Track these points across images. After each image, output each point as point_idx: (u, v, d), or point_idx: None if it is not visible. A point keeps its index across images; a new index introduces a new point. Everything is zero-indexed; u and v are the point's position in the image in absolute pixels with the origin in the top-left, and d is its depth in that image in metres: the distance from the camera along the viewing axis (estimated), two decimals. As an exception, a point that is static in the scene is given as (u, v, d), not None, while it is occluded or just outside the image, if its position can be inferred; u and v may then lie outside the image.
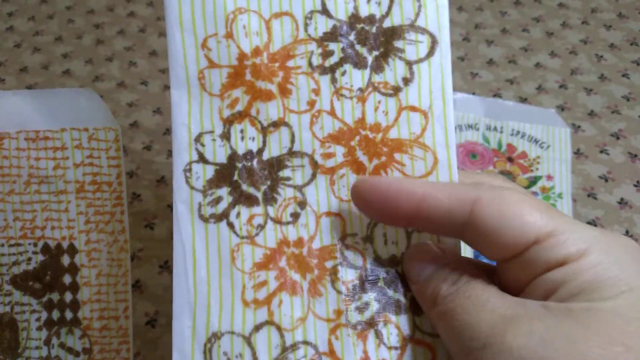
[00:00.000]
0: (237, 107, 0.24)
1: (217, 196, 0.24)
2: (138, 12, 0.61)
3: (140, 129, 0.50)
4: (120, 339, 0.35)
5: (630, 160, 0.48)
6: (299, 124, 0.24)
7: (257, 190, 0.24)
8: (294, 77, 0.24)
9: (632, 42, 0.57)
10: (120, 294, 0.35)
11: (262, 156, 0.24)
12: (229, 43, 0.24)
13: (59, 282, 0.35)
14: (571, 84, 0.54)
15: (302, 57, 0.24)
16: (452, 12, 0.61)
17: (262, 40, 0.24)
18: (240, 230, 0.23)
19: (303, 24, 0.24)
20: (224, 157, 0.24)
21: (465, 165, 0.47)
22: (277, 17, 0.24)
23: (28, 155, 0.35)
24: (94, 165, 0.35)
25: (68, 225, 0.35)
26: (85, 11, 0.61)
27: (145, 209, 0.45)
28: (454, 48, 0.57)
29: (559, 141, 0.49)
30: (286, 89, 0.24)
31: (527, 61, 0.56)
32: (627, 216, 0.45)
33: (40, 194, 0.35)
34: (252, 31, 0.24)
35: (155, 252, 0.43)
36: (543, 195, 0.45)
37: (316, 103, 0.24)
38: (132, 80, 0.54)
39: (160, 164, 0.48)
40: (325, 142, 0.24)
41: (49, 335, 0.35)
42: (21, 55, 0.56)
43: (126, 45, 0.57)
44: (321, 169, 0.24)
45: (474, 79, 0.54)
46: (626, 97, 0.53)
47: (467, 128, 0.49)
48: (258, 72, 0.24)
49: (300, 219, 0.23)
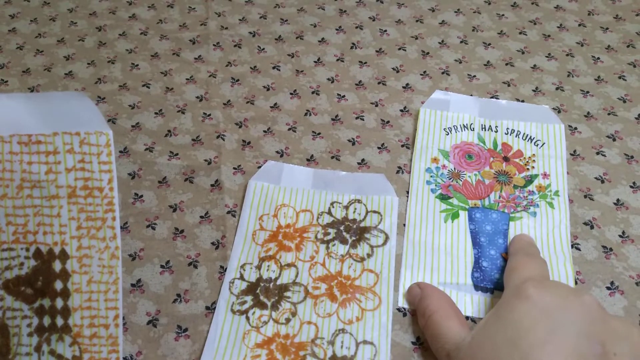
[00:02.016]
0: (269, 253, 0.43)
1: (244, 300, 0.40)
2: (140, 15, 0.61)
3: (142, 130, 0.51)
4: (110, 347, 0.35)
5: (627, 161, 0.49)
6: (302, 267, 0.42)
7: (268, 301, 0.40)
8: (305, 242, 0.43)
9: (628, 44, 0.58)
10: (110, 301, 0.35)
11: (276, 282, 0.41)
12: (274, 220, 0.44)
13: (50, 288, 0.35)
14: (568, 85, 0.54)
15: (312, 233, 0.44)
16: (450, 15, 0.61)
17: (292, 221, 0.44)
18: (252, 322, 0.39)
19: (316, 216, 0.45)
20: (254, 278, 0.41)
21: (461, 166, 0.48)
22: (303, 211, 0.45)
23: (21, 159, 0.34)
24: (86, 170, 0.35)
25: (60, 231, 0.35)
26: (87, 14, 0.61)
27: (147, 209, 0.45)
28: (452, 50, 0.57)
29: (553, 138, 0.49)
30: (299, 248, 0.43)
31: (524, 63, 0.56)
32: (624, 217, 0.45)
33: (32, 198, 0.35)
34: (288, 216, 0.45)
35: (157, 252, 0.43)
36: (540, 194, 0.46)
37: (315, 258, 0.42)
38: (134, 82, 0.55)
39: (162, 165, 0.48)
40: (316, 280, 0.41)
41: (40, 341, 0.35)
42: (24, 57, 0.57)
43: (128, 47, 0.58)
44: (310, 295, 0.41)
45: (471, 81, 0.55)
46: (622, 99, 0.53)
47: (462, 129, 0.50)
48: (286, 236, 0.43)
49: (290, 322, 0.39)
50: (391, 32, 0.59)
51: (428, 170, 0.47)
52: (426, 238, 0.43)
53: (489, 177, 0.47)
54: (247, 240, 0.43)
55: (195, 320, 0.40)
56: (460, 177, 0.47)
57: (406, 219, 0.45)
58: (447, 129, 0.50)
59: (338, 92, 0.54)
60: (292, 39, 0.59)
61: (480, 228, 0.44)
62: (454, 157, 0.48)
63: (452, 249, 0.43)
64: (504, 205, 0.45)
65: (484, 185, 0.46)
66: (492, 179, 0.47)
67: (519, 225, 0.44)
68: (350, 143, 0.50)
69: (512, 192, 0.46)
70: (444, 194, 0.46)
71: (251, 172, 0.47)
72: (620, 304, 0.41)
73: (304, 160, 0.48)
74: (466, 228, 0.44)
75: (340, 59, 0.57)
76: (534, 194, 0.46)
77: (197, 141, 0.50)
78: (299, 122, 0.51)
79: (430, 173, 0.47)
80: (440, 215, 0.45)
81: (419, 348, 0.39)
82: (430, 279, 0.42)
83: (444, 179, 0.47)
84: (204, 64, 0.56)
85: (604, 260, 0.43)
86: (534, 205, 0.45)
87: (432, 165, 0.48)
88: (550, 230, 0.44)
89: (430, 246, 0.43)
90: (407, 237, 0.44)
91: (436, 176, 0.47)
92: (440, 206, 0.45)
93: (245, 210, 0.45)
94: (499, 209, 0.45)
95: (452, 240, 0.43)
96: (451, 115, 0.51)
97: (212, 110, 0.52)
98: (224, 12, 0.61)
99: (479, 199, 0.46)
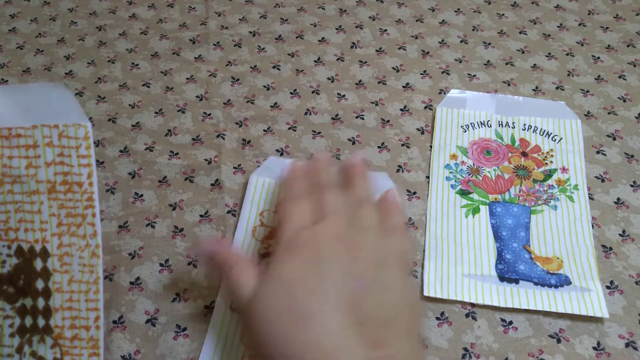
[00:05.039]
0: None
1: None
2: (140, 15, 0.61)
3: (142, 130, 0.51)
4: (91, 350, 0.34)
5: (627, 160, 0.49)
6: None
7: None
8: None
9: (628, 43, 0.58)
10: (91, 302, 0.35)
11: None
12: (274, 215, 0.44)
13: (32, 287, 0.34)
14: (568, 85, 0.54)
15: None
16: (450, 15, 0.61)
17: None
18: None
19: None
20: None
21: (480, 162, 0.48)
22: None
23: (2, 153, 0.34)
24: (65, 164, 0.34)
25: (41, 228, 0.34)
26: (87, 13, 0.61)
27: (147, 208, 0.45)
28: (452, 50, 0.57)
29: (570, 133, 0.50)
30: None
31: (524, 63, 0.56)
32: (624, 216, 0.45)
33: (13, 194, 0.34)
34: None
35: (156, 250, 0.43)
36: (560, 188, 0.46)
37: None
38: (135, 81, 0.55)
39: (162, 164, 0.48)
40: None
41: (21, 342, 0.34)
42: (24, 57, 0.57)
43: (128, 47, 0.58)
44: None
45: (471, 81, 0.54)
46: (622, 98, 0.53)
47: (479, 125, 0.50)
48: None
49: None
50: (391, 32, 0.59)
51: (447, 166, 0.48)
52: (448, 232, 0.44)
53: (508, 172, 0.47)
54: (247, 236, 0.43)
55: (194, 320, 0.40)
56: (480, 172, 0.47)
57: (427, 214, 0.45)
58: (464, 126, 0.50)
59: (338, 91, 0.54)
60: (292, 39, 0.59)
61: (502, 222, 0.44)
62: (472, 153, 0.48)
63: (475, 243, 0.43)
64: (524, 199, 0.45)
65: (503, 180, 0.47)
66: (511, 174, 0.47)
67: (540, 218, 0.44)
68: (350, 142, 0.50)
69: (532, 186, 0.46)
70: (464, 189, 0.46)
71: (251, 171, 0.47)
72: (620, 303, 0.41)
73: (304, 160, 0.48)
74: (487, 222, 0.44)
75: (341, 59, 0.57)
76: (553, 188, 0.46)
77: (197, 140, 0.50)
78: (299, 122, 0.51)
79: (449, 169, 0.47)
80: (462, 210, 0.45)
81: (418, 347, 0.39)
82: (455, 271, 0.42)
83: (464, 175, 0.47)
84: (204, 63, 0.56)
85: (604, 259, 0.43)
86: (554, 198, 0.46)
87: (450, 161, 0.48)
88: (572, 222, 0.44)
89: (452, 239, 0.43)
90: (429, 231, 0.44)
91: (455, 172, 0.47)
92: (461, 201, 0.46)
93: (245, 207, 0.45)
94: (520, 202, 0.45)
95: (475, 234, 0.44)
96: (468, 112, 0.51)
97: (212, 109, 0.52)
98: (224, 12, 0.61)
99: (499, 193, 0.46)
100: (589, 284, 0.41)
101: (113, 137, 0.50)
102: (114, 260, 0.43)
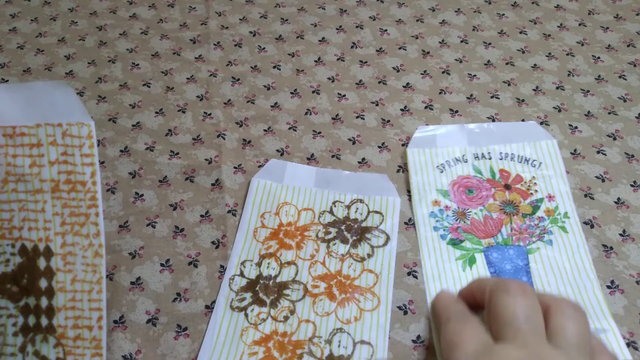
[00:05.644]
0: (270, 250, 0.43)
1: (243, 297, 0.41)
2: (140, 14, 0.61)
3: (142, 130, 0.51)
4: (94, 350, 0.34)
5: (627, 160, 0.49)
6: (302, 266, 0.42)
7: (267, 298, 0.40)
8: (305, 240, 0.43)
9: (628, 43, 0.58)
10: (94, 302, 0.34)
11: (276, 279, 0.41)
12: (275, 217, 0.44)
13: (35, 286, 0.34)
14: (568, 85, 0.54)
15: (313, 232, 0.44)
16: (450, 15, 0.61)
17: (294, 219, 0.44)
18: (250, 319, 0.40)
19: (318, 215, 0.45)
20: (254, 275, 0.42)
21: (464, 204, 0.45)
22: (305, 210, 0.45)
23: (6, 152, 0.34)
24: (68, 163, 0.34)
25: (44, 227, 0.34)
26: (88, 13, 0.61)
27: (147, 208, 0.45)
28: (453, 50, 0.57)
29: (548, 155, 0.48)
30: (300, 246, 0.43)
31: (524, 63, 0.56)
32: (624, 216, 0.45)
33: (17, 192, 0.34)
34: (290, 214, 0.45)
35: (157, 250, 0.43)
36: (550, 219, 0.44)
37: (315, 257, 0.42)
38: (135, 81, 0.55)
39: (162, 164, 0.48)
40: (315, 279, 0.41)
41: (25, 341, 0.34)
42: (24, 57, 0.57)
43: (129, 47, 0.58)
44: (309, 293, 0.41)
45: (471, 81, 0.55)
46: (623, 98, 0.53)
47: (455, 162, 0.48)
48: (287, 234, 0.43)
49: (288, 321, 0.39)
50: (391, 32, 0.59)
51: (432, 214, 0.45)
52: (448, 287, 0.41)
53: (495, 210, 0.45)
54: (248, 238, 0.43)
55: (194, 320, 0.40)
56: (467, 215, 0.45)
57: (423, 272, 0.42)
58: (439, 166, 0.47)
59: (338, 91, 0.54)
60: (292, 39, 0.59)
61: (501, 269, 0.42)
62: (454, 195, 0.46)
63: None
64: (518, 238, 0.43)
65: (492, 220, 0.44)
66: (499, 212, 0.45)
67: (539, 257, 0.42)
68: (350, 142, 0.50)
69: (522, 222, 0.44)
70: (454, 237, 0.44)
71: (251, 171, 0.47)
72: (621, 303, 0.41)
73: (304, 159, 0.48)
74: (486, 273, 0.42)
75: (341, 59, 0.57)
76: (544, 220, 0.44)
77: (197, 140, 0.50)
78: (300, 121, 0.51)
79: (435, 217, 0.44)
80: (457, 263, 0.42)
81: (419, 346, 0.39)
82: None
83: (451, 222, 0.44)
84: (204, 63, 0.56)
85: (605, 259, 0.43)
86: (547, 232, 0.43)
87: (434, 208, 0.45)
88: (570, 257, 0.42)
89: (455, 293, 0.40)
90: (428, 289, 0.41)
91: (442, 220, 0.44)
92: (454, 253, 0.43)
93: (247, 208, 0.45)
94: (514, 242, 0.43)
95: None
96: (440, 151, 0.48)
97: (213, 109, 0.52)
98: (225, 12, 0.61)
99: (491, 236, 0.44)
100: (602, 323, 0.39)
101: (113, 136, 0.50)
102: (115, 260, 0.43)
